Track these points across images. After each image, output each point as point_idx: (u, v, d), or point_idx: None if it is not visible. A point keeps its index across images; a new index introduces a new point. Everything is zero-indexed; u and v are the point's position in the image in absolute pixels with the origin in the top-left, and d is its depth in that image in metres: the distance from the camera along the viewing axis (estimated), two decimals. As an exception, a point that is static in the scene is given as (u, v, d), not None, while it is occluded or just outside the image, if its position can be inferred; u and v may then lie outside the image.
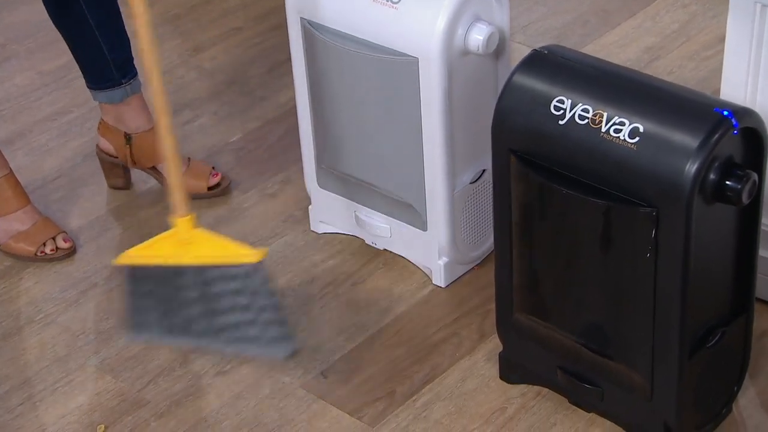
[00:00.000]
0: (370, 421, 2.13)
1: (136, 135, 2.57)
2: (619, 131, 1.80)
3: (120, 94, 2.54)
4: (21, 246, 2.47)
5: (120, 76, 2.52)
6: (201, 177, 2.63)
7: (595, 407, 2.08)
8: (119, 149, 2.60)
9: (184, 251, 2.06)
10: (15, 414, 2.16)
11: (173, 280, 2.07)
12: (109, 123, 2.60)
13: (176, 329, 2.08)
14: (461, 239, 2.37)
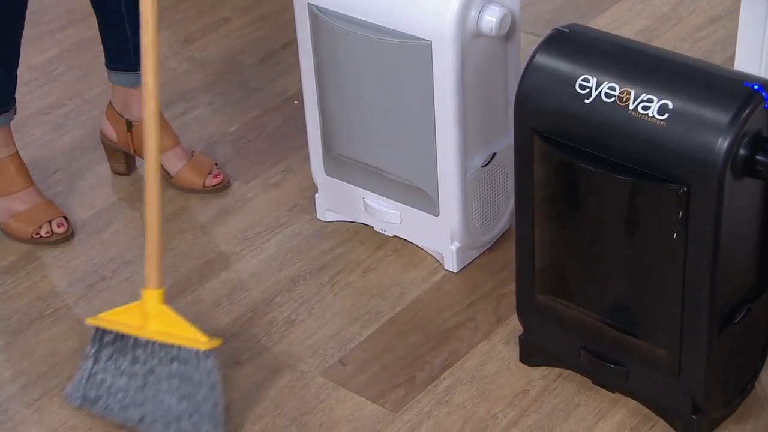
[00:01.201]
0: (392, 407, 2.12)
1: (137, 124, 2.55)
2: (648, 108, 1.80)
3: (131, 80, 2.52)
4: (19, 226, 2.46)
5: (137, 62, 2.50)
6: (200, 173, 2.60)
7: (620, 387, 2.07)
8: (120, 136, 2.59)
9: (146, 324, 2.04)
10: (33, 409, 2.13)
11: (130, 351, 2.05)
12: (116, 108, 2.58)
13: (118, 407, 2.06)
14: (473, 224, 2.36)
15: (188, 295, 2.36)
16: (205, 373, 2.00)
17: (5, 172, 2.47)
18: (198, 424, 2.01)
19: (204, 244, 2.49)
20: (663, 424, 2.04)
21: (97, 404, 2.08)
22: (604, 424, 2.05)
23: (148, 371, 2.04)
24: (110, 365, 2.07)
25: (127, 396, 2.05)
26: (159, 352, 2.03)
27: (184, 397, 2.01)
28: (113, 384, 2.06)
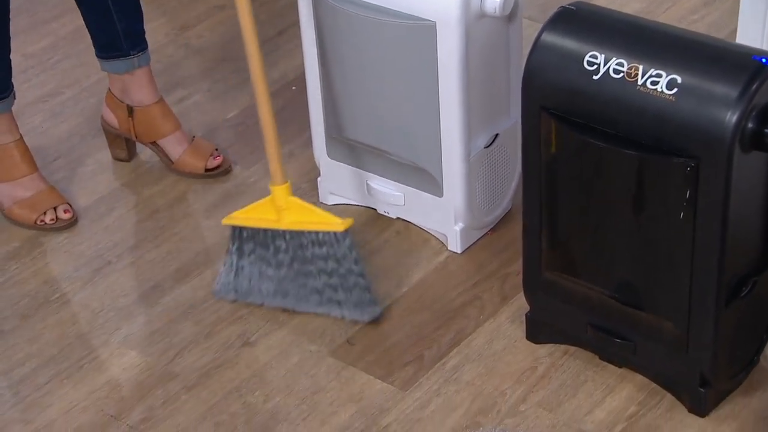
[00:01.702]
0: (402, 385, 2.13)
1: (139, 109, 2.56)
2: (656, 83, 1.82)
3: (124, 66, 2.52)
4: (22, 213, 2.47)
5: (128, 47, 2.51)
6: (201, 157, 2.61)
7: (627, 362, 2.10)
8: (122, 122, 2.59)
9: (280, 217, 2.21)
10: (44, 392, 2.14)
11: (271, 243, 2.22)
12: (115, 94, 2.59)
13: (267, 291, 2.25)
14: (476, 204, 2.38)
15: (195, 278, 2.37)
16: (347, 249, 2.18)
17: (9, 158, 2.47)
18: (349, 292, 2.20)
19: (208, 228, 2.50)
20: (670, 398, 2.06)
21: (251, 294, 2.26)
22: (611, 399, 2.07)
23: (291, 258, 2.21)
24: (254, 258, 2.23)
25: (276, 282, 2.23)
26: (299, 238, 2.20)
27: (332, 273, 2.20)
28: (262, 273, 2.24)
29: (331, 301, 2.22)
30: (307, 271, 2.22)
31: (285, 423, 2.07)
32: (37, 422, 2.08)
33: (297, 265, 2.22)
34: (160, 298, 2.33)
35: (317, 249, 2.20)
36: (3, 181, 2.49)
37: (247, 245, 2.24)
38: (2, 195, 2.49)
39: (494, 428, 2.04)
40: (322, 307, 2.23)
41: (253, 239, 2.23)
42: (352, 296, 2.21)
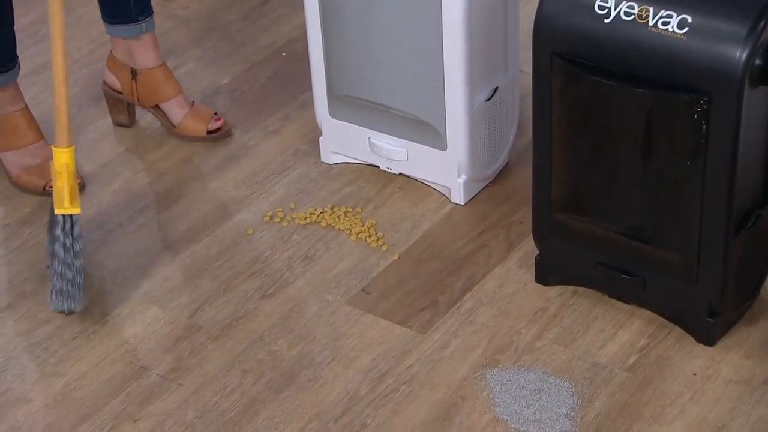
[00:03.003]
0: (420, 329, 2.21)
1: (143, 72, 2.61)
2: (667, 24, 1.90)
3: (135, 31, 2.57)
4: (31, 179, 2.51)
5: (137, 12, 2.56)
6: (202, 120, 2.67)
7: (636, 298, 2.18)
8: (125, 85, 2.64)
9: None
10: (72, 347, 2.19)
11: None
12: (118, 58, 2.63)
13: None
14: (478, 157, 2.45)
15: (207, 236, 2.43)
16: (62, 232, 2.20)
17: (16, 126, 2.52)
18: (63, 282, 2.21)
19: (214, 189, 2.55)
20: (678, 331, 2.15)
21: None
22: (622, 333, 2.16)
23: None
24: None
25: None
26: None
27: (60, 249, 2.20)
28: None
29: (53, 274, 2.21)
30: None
31: (310, 368, 2.14)
32: (70, 374, 2.13)
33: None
34: (174, 256, 2.38)
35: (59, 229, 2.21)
36: (10, 149, 2.53)
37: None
38: (10, 163, 2.53)
39: (513, 364, 2.12)
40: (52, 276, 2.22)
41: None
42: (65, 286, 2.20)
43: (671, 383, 2.05)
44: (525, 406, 2.04)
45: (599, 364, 2.10)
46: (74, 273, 2.19)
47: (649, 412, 2.01)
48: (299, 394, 2.09)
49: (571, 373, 2.09)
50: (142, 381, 2.12)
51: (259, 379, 2.12)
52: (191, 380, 2.12)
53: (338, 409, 2.06)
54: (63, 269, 2.19)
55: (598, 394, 2.05)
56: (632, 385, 2.06)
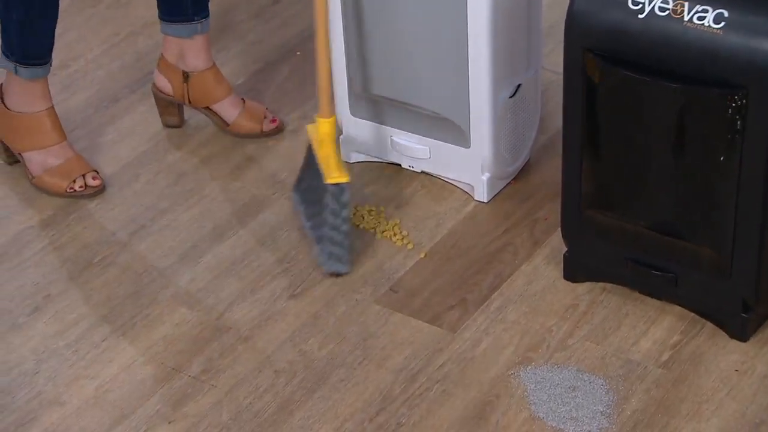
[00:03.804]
0: (450, 327, 2.20)
1: (194, 74, 2.59)
2: (703, 18, 1.90)
3: (189, 30, 2.56)
4: (54, 181, 2.49)
5: (194, 12, 2.55)
6: (256, 119, 2.67)
7: (667, 294, 2.18)
8: (177, 88, 2.62)
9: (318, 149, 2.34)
10: (102, 348, 2.18)
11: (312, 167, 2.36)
12: (170, 60, 2.62)
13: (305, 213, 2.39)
14: (501, 154, 2.45)
15: (231, 237, 2.42)
16: (341, 201, 2.28)
17: (41, 125, 2.50)
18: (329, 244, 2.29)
19: (237, 189, 2.54)
20: (710, 326, 2.15)
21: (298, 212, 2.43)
22: (654, 329, 2.16)
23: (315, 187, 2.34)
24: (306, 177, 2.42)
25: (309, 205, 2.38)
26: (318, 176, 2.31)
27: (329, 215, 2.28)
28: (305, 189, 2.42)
29: (322, 238, 2.29)
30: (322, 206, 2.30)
31: (342, 368, 2.13)
32: (102, 377, 2.12)
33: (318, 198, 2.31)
34: (200, 257, 2.37)
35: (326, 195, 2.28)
36: (33, 149, 2.51)
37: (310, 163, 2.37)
38: (33, 163, 2.51)
39: (546, 362, 2.11)
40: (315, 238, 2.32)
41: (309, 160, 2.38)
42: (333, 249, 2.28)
43: (706, 379, 2.05)
44: (561, 403, 2.03)
45: (633, 360, 2.10)
46: (343, 237, 2.27)
47: (686, 408, 2.01)
48: (332, 394, 2.08)
49: (605, 370, 2.08)
50: (175, 383, 2.11)
51: (291, 380, 2.11)
52: (224, 381, 2.11)
53: (372, 408, 2.05)
54: (333, 234, 2.27)
55: (633, 391, 2.04)
56: (667, 381, 2.05)
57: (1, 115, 2.52)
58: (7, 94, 2.51)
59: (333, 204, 2.26)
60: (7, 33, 2.43)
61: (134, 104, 2.79)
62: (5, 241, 2.43)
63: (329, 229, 2.27)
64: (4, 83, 2.52)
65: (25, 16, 2.39)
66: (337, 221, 2.27)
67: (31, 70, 2.45)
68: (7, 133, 2.53)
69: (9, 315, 2.26)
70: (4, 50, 2.47)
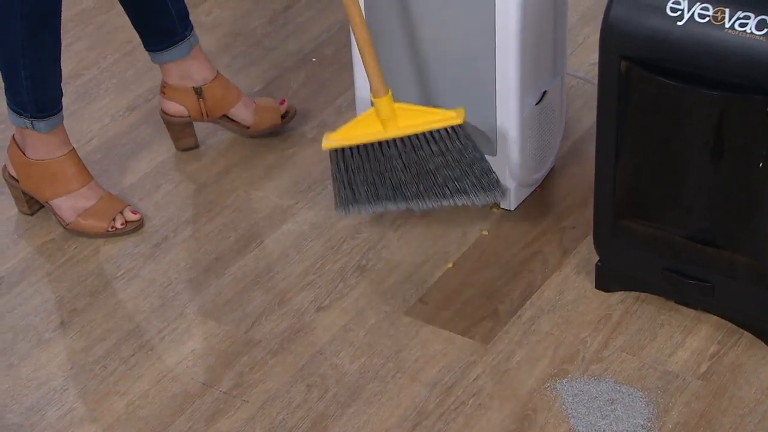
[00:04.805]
0: (482, 339, 2.17)
1: (206, 86, 2.55)
2: (745, 25, 1.87)
3: (187, 48, 2.51)
4: (91, 223, 2.40)
5: (183, 29, 2.50)
6: (272, 110, 2.63)
7: (703, 304, 2.15)
8: (192, 106, 2.56)
9: (389, 126, 2.22)
10: (131, 364, 2.14)
11: (381, 153, 2.23)
12: (174, 84, 2.55)
13: (387, 197, 2.26)
14: (528, 161, 2.42)
15: (255, 248, 2.38)
16: (465, 138, 2.21)
17: (65, 170, 2.40)
18: (476, 178, 2.23)
19: (258, 199, 2.51)
20: (748, 336, 2.12)
21: (371, 204, 2.27)
22: (691, 339, 2.13)
23: (405, 161, 2.22)
24: (366, 171, 2.24)
25: (393, 188, 2.25)
26: (414, 141, 2.21)
27: (455, 165, 2.21)
28: (377, 182, 2.25)
29: (458, 191, 2.24)
30: (426, 170, 2.22)
31: (375, 381, 2.09)
32: (131, 393, 2.08)
33: (413, 167, 2.23)
34: (225, 269, 2.34)
35: (435, 146, 2.21)
36: (61, 195, 2.41)
37: (355, 161, 2.24)
38: (63, 209, 2.41)
39: (582, 374, 2.08)
40: (447, 200, 2.25)
41: (360, 154, 2.24)
42: (480, 181, 2.23)
43: (747, 391, 2.02)
44: (600, 417, 2.00)
45: (671, 372, 2.07)
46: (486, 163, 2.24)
47: (728, 421, 1.98)
48: (367, 408, 2.05)
49: (643, 381, 2.06)
50: (206, 398, 2.07)
51: (324, 394, 2.07)
52: (255, 396, 2.07)
53: (408, 423, 2.02)
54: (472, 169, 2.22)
55: (673, 404, 2.01)
56: (707, 393, 2.03)
57: (22, 166, 2.42)
58: (27, 146, 2.41)
59: (457, 143, 2.21)
60: (16, 91, 2.33)
61: (150, 113, 2.75)
62: (27, 255, 2.39)
63: (466, 168, 2.22)
64: (20, 136, 2.42)
65: (37, 69, 2.30)
66: (474, 154, 2.22)
67: (48, 122, 2.36)
68: (31, 183, 2.42)
69: (34, 331, 2.22)
70: (14, 108, 2.36)
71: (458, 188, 2.23)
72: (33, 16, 2.24)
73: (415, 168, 2.23)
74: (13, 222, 2.48)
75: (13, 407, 2.08)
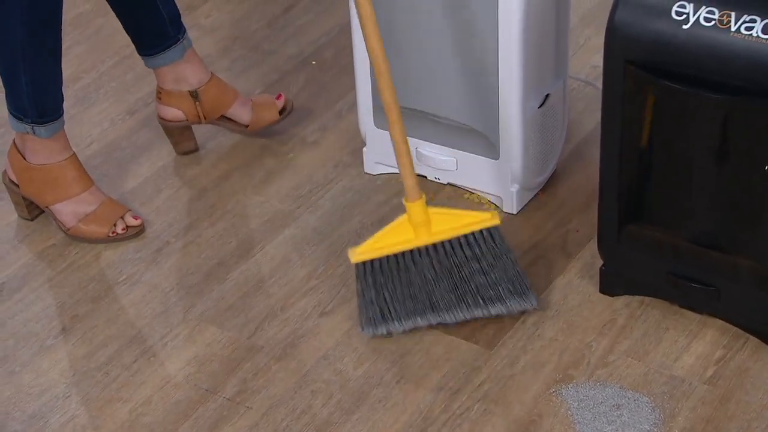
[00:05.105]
0: (486, 344, 2.16)
1: (202, 89, 2.53)
2: (751, 29, 1.86)
3: (180, 51, 2.49)
4: (92, 228, 2.38)
5: (175, 31, 2.48)
6: (270, 106, 2.62)
7: (709, 308, 2.14)
8: (189, 110, 2.55)
9: (422, 232, 2.13)
10: (133, 370, 2.13)
11: (413, 262, 2.13)
12: (170, 89, 2.54)
13: (417, 311, 2.14)
14: (530, 165, 2.41)
15: (257, 253, 2.37)
16: (500, 241, 2.14)
17: (66, 175, 2.38)
18: (510, 283, 2.15)
19: (259, 204, 2.50)
20: (754, 341, 2.11)
21: (402, 320, 2.15)
22: (696, 344, 2.12)
23: (438, 270, 2.13)
24: (395, 283, 2.13)
25: (425, 298, 2.14)
26: (447, 247, 2.13)
27: (489, 270, 2.14)
28: (407, 295, 2.14)
29: (492, 299, 2.15)
30: (460, 277, 2.14)
31: (379, 387, 2.08)
32: (134, 400, 2.07)
33: (446, 276, 2.14)
34: (227, 274, 2.32)
35: (470, 250, 2.13)
36: (62, 200, 2.39)
37: (384, 274, 2.14)
38: (64, 214, 2.39)
39: (588, 379, 2.07)
40: (481, 309, 2.15)
41: (389, 265, 2.13)
42: (514, 287, 2.15)
43: (754, 396, 2.02)
44: (606, 422, 1.99)
45: (677, 377, 2.06)
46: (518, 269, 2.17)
47: (735, 426, 1.97)
48: (372, 415, 2.04)
49: (648, 387, 2.05)
50: (209, 405, 2.06)
51: (328, 400, 2.06)
52: (259, 403, 2.06)
53: (414, 429, 2.01)
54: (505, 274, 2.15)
55: (680, 409, 2.00)
56: (714, 398, 2.02)
57: (23, 171, 2.40)
58: (27, 151, 2.39)
59: (492, 247, 2.13)
60: (17, 96, 2.31)
61: (150, 116, 2.74)
62: (28, 261, 2.37)
63: (501, 273, 2.14)
64: (21, 140, 2.40)
65: (38, 74, 2.29)
66: (508, 256, 2.15)
67: (49, 128, 2.34)
68: (32, 188, 2.40)
69: (36, 337, 2.21)
70: (15, 114, 2.34)
71: (492, 296, 2.15)
72: (34, 21, 2.23)
73: (448, 276, 2.14)
74: (13, 227, 2.46)
75: (16, 415, 2.07)
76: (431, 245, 2.13)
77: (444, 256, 2.13)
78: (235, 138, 2.67)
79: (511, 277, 2.15)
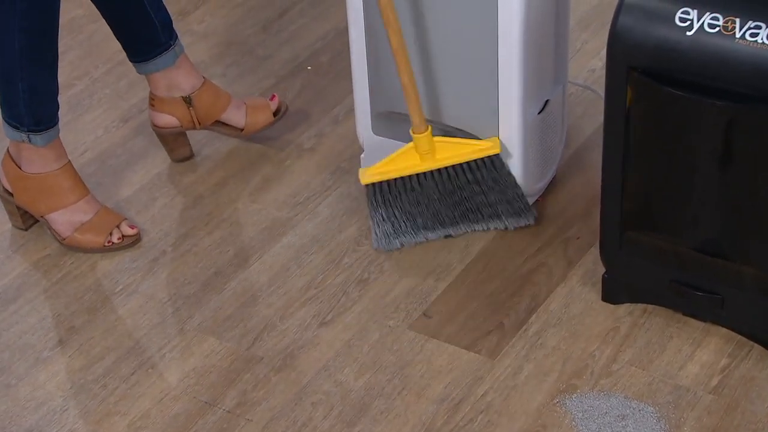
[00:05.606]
0: (489, 353, 2.13)
1: (195, 94, 2.51)
2: (756, 35, 1.84)
3: (172, 57, 2.47)
4: (88, 238, 2.35)
5: (167, 38, 2.46)
6: (265, 108, 2.60)
7: (713, 316, 2.12)
8: (183, 116, 2.52)
9: (427, 159, 2.28)
10: (131, 383, 2.10)
11: (419, 184, 2.29)
12: (162, 95, 2.51)
13: (425, 226, 2.32)
14: (531, 171, 2.38)
15: (255, 262, 2.34)
16: (500, 167, 2.28)
17: (60, 184, 2.36)
18: (509, 204, 2.32)
19: (257, 212, 2.47)
20: (758, 349, 2.09)
21: (411, 235, 2.33)
22: (701, 353, 2.10)
23: (442, 190, 2.29)
24: (404, 202, 2.31)
25: (431, 216, 2.32)
26: (450, 172, 2.29)
27: (489, 191, 2.30)
28: (415, 213, 2.31)
29: (492, 216, 2.32)
30: (462, 197, 2.30)
31: (381, 398, 2.06)
32: (133, 413, 2.04)
33: (449, 196, 2.30)
34: (224, 284, 2.30)
35: (471, 175, 2.28)
36: (57, 209, 2.36)
37: (393, 193, 2.29)
38: (59, 223, 2.36)
39: (592, 389, 2.05)
40: (481, 224, 2.34)
41: (397, 187, 2.29)
42: (512, 206, 2.31)
43: (760, 405, 2.00)
44: (611, 432, 1.97)
45: (681, 386, 2.04)
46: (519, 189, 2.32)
47: (742, 435, 1.95)
48: (373, 426, 2.01)
49: (653, 396, 2.03)
50: (209, 417, 2.03)
51: (329, 412, 2.04)
52: (260, 415, 2.03)
53: (416, 441, 1.99)
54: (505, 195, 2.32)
55: (685, 419, 1.98)
56: (719, 408, 2.00)
57: (18, 180, 2.37)
58: (22, 160, 2.36)
59: (492, 172, 2.28)
60: (13, 104, 2.29)
61: (145, 123, 2.71)
62: (22, 272, 2.35)
63: (499, 194, 2.30)
64: (15, 149, 2.37)
65: (35, 82, 2.26)
66: (507, 180, 2.29)
67: (45, 136, 2.32)
68: (27, 197, 2.37)
69: (32, 349, 2.18)
70: (10, 122, 2.31)
71: (492, 213, 2.32)
72: (32, 29, 2.20)
73: (451, 196, 2.30)
74: (7, 237, 2.44)
75: (12, 429, 2.04)
76: (436, 170, 2.28)
77: (448, 180, 2.29)
78: (231, 144, 2.64)
79: (510, 198, 2.30)
